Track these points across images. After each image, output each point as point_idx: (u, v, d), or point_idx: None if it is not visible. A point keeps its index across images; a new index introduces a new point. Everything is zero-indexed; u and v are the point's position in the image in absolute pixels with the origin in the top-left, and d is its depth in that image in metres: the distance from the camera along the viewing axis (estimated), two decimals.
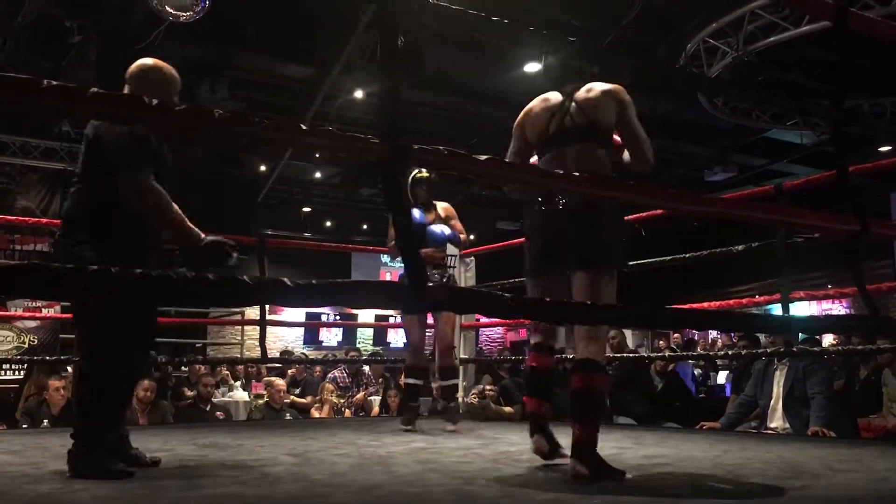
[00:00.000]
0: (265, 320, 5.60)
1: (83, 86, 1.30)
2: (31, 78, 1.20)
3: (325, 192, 13.75)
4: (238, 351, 13.02)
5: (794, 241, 4.11)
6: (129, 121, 1.69)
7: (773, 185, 4.50)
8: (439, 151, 1.62)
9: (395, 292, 1.87)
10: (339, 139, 1.52)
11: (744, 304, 4.81)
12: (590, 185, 2.01)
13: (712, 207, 2.14)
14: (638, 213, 4.58)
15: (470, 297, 1.86)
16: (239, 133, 1.40)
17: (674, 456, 3.16)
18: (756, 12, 7.44)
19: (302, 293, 1.45)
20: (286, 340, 14.16)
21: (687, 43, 8.03)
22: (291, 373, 9.31)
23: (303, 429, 4.74)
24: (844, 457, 3.07)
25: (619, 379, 5.99)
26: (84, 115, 2.88)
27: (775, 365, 4.97)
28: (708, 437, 4.14)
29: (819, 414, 4.57)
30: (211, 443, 3.73)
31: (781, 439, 4.16)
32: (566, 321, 2.96)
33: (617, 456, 3.07)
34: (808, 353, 4.57)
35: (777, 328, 4.53)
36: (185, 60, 7.78)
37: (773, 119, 9.75)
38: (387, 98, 1.63)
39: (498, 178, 2.43)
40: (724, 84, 6.96)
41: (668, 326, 9.07)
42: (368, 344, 14.88)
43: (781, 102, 7.62)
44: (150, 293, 1.35)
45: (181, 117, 1.35)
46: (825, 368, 4.98)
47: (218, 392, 7.83)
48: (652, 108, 10.05)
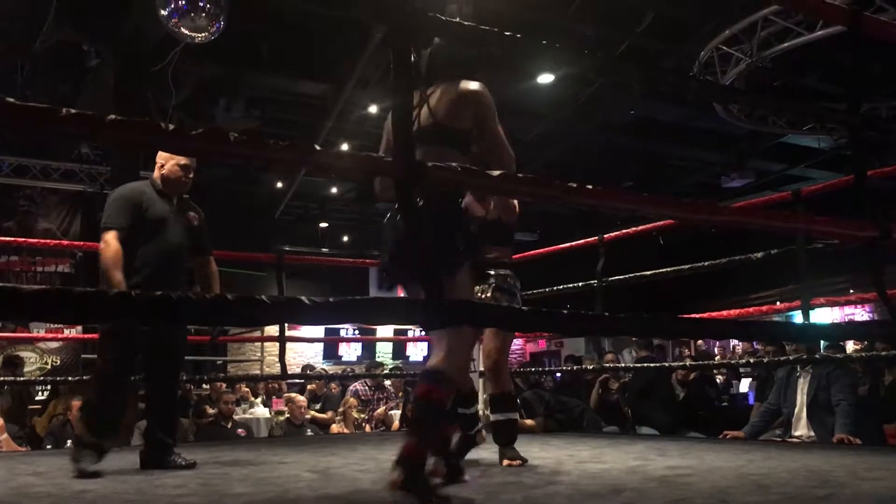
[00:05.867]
0: (284, 336, 5.62)
1: (101, 113, 1.32)
2: (49, 107, 1.22)
3: (341, 208, 13.82)
4: (258, 367, 13.07)
5: (815, 247, 4.08)
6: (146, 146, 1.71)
7: (791, 191, 4.47)
8: (453, 168, 1.62)
9: (411, 308, 1.88)
10: (355, 159, 1.53)
11: (764, 311, 4.79)
12: (604, 198, 2.01)
13: (729, 217, 2.13)
14: (653, 222, 4.57)
15: (487, 311, 1.86)
16: (255, 156, 1.41)
17: (698, 466, 3.14)
18: (769, 18, 7.40)
19: (319, 311, 1.46)
20: (306, 356, 14.19)
21: (700, 50, 8.01)
22: (311, 388, 9.32)
23: (324, 445, 4.75)
24: (871, 464, 3.03)
25: (640, 389, 5.96)
26: (103, 141, 2.94)
27: (798, 372, 4.92)
28: (732, 447, 4.10)
29: (844, 421, 4.52)
30: (233, 460, 3.74)
31: (806, 448, 4.11)
32: (585, 333, 2.94)
33: (641, 467, 3.05)
34: (830, 359, 4.52)
35: (797, 336, 4.48)
36: (200, 80, 7.88)
37: (790, 124, 9.69)
38: (401, 117, 1.64)
39: (512, 193, 2.43)
40: (739, 92, 6.93)
41: (687, 336, 9.01)
42: (388, 358, 14.88)
43: (797, 108, 7.56)
44: (171, 314, 1.36)
45: (197, 142, 1.37)
46: (849, 375, 4.92)
47: (239, 409, 7.85)
48: (667, 115, 10.07)
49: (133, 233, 3.39)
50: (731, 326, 2.69)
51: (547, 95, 8.97)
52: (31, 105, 1.21)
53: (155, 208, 3.47)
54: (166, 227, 3.48)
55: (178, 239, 3.53)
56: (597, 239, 5.26)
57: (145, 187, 3.56)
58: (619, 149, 11.10)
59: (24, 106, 1.21)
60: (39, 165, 9.35)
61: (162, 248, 3.44)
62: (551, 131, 9.92)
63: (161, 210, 3.49)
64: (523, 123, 9.51)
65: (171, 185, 3.55)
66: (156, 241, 3.44)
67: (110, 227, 3.37)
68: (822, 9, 2.59)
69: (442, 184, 1.94)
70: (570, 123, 9.72)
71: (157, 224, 3.46)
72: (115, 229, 3.36)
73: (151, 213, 3.46)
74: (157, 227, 3.46)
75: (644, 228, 5.18)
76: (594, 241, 5.29)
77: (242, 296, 1.39)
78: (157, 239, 3.44)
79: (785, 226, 2.40)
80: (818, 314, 4.51)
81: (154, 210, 3.47)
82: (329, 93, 8.82)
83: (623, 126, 10.27)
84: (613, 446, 4.15)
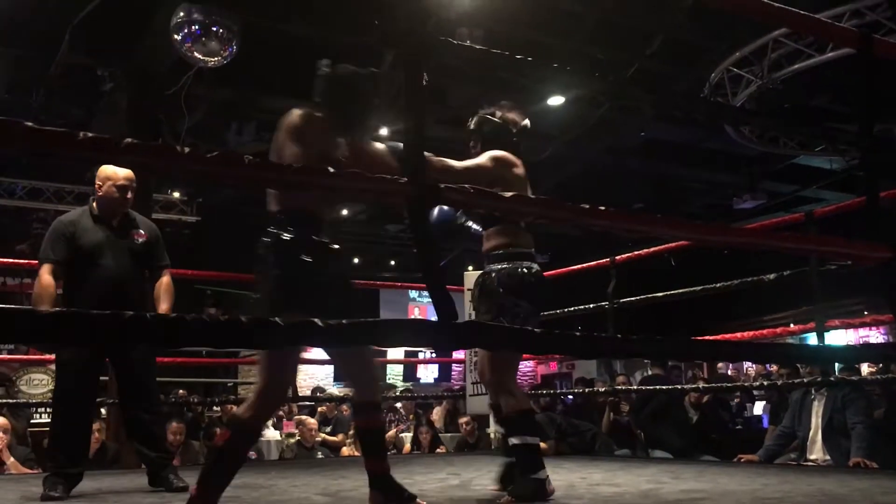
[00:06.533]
0: None
1: (116, 136, 1.33)
2: (66, 131, 1.23)
3: (351, 229, 13.85)
4: None
5: (828, 269, 4.05)
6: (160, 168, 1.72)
7: (804, 213, 4.46)
8: (465, 190, 1.63)
9: (422, 330, 1.88)
10: (368, 181, 1.54)
11: (778, 332, 4.75)
12: (617, 220, 2.01)
13: (743, 238, 2.12)
14: (665, 243, 4.56)
15: (499, 333, 1.85)
16: (270, 179, 1.42)
17: (712, 490, 3.10)
18: (779, 40, 7.41)
19: (332, 334, 1.46)
20: (316, 378, 14.16)
21: (710, 72, 8.02)
22: (322, 410, 9.30)
23: (335, 467, 4.72)
24: (888, 488, 2.99)
25: (653, 412, 5.90)
26: (118, 164, 2.97)
27: (813, 395, 4.87)
28: (746, 470, 4.06)
29: (860, 444, 4.47)
30: (244, 483, 3.72)
31: (822, 471, 4.07)
32: (599, 356, 2.93)
33: (655, 490, 3.02)
34: (845, 382, 4.48)
35: (812, 358, 4.45)
36: (212, 104, 7.94)
37: (801, 145, 9.67)
38: (413, 138, 1.65)
39: (524, 215, 2.43)
40: (749, 114, 6.94)
41: (701, 358, 8.95)
42: (398, 380, 14.84)
43: (808, 131, 7.55)
44: (183, 337, 1.37)
45: (211, 165, 1.38)
46: (864, 397, 4.87)
47: None
48: (678, 137, 10.06)
49: (69, 264, 3.38)
50: (745, 349, 2.67)
51: (557, 117, 8.99)
52: (49, 129, 1.23)
53: (87, 237, 3.42)
54: (102, 253, 3.41)
55: (118, 263, 3.43)
56: (608, 260, 5.25)
57: (80, 216, 3.51)
58: (630, 170, 11.09)
59: (43, 130, 1.22)
60: (53, 188, 9.42)
61: (99, 276, 3.37)
62: (562, 153, 9.93)
63: (94, 237, 3.42)
64: (534, 145, 9.53)
65: (107, 208, 3.48)
66: (92, 270, 3.38)
67: (42, 261, 3.39)
68: (832, 32, 2.59)
69: (454, 204, 1.94)
70: (580, 145, 9.73)
71: (91, 252, 3.40)
72: (46, 262, 3.36)
73: (84, 242, 3.40)
74: (91, 256, 3.39)
75: (656, 250, 5.18)
76: (606, 262, 5.29)
77: (255, 318, 1.40)
78: (94, 267, 3.38)
79: (798, 248, 2.39)
80: (832, 336, 4.47)
81: (86, 238, 3.41)
82: None
83: (634, 147, 10.27)
84: (626, 469, 4.12)
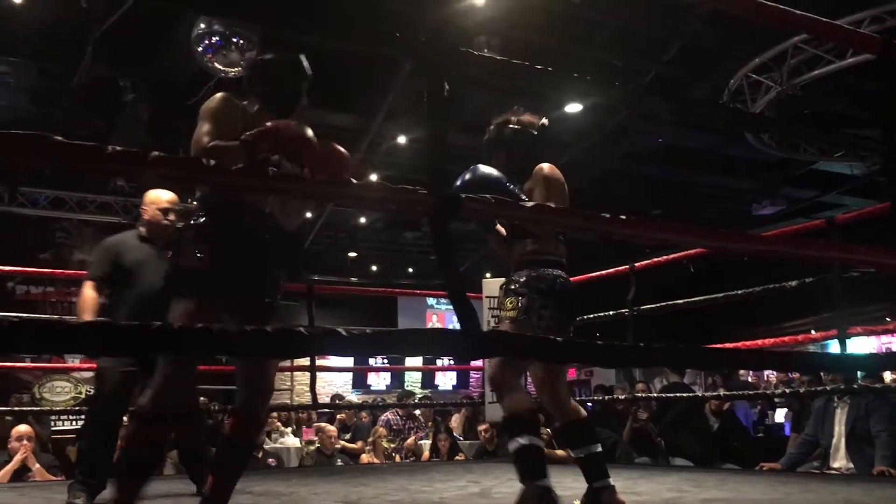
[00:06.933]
0: (315, 366, 5.64)
1: (141, 148, 1.35)
2: (95, 145, 1.25)
3: (369, 237, 13.88)
4: (288, 397, 13.09)
5: (850, 276, 4.02)
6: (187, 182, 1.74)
7: (825, 219, 4.42)
8: (487, 200, 1.64)
9: (446, 340, 1.88)
10: (390, 192, 1.55)
11: (799, 340, 4.71)
12: (637, 228, 2.00)
13: (764, 246, 2.11)
14: (684, 251, 4.54)
15: (523, 342, 1.85)
16: (293, 190, 1.44)
17: (734, 499, 3.09)
18: (799, 46, 7.38)
19: (356, 343, 1.47)
20: (335, 385, 14.20)
21: (730, 79, 7.99)
22: (341, 417, 9.32)
23: (354, 475, 4.73)
24: None
25: (673, 420, 5.88)
26: (146, 178, 3.00)
27: (836, 403, 4.83)
28: (769, 479, 4.03)
29: (885, 453, 4.43)
30: (264, 491, 3.75)
31: (845, 480, 4.03)
32: (620, 364, 2.92)
33: (676, 499, 3.01)
34: (868, 389, 4.44)
35: (834, 366, 4.42)
36: None
37: (821, 151, 9.60)
38: (434, 148, 1.66)
39: (544, 223, 2.44)
40: (769, 121, 6.91)
41: (722, 367, 8.88)
42: (417, 387, 14.84)
43: (828, 138, 7.49)
44: (213, 347, 1.38)
45: (235, 177, 1.39)
46: (888, 405, 4.82)
47: (269, 439, 7.87)
48: (696, 143, 10.03)
49: (112, 281, 3.58)
50: (767, 357, 2.66)
51: (575, 124, 8.98)
52: (78, 143, 1.25)
53: (131, 255, 3.61)
54: (143, 272, 3.55)
55: (155, 282, 3.40)
56: (628, 267, 5.24)
57: (128, 236, 3.76)
58: (648, 177, 11.06)
59: (72, 144, 1.24)
60: (76, 198, 9.53)
61: (136, 294, 3.53)
62: (579, 160, 9.92)
63: (138, 256, 3.61)
64: (553, 153, 9.53)
65: (152, 231, 3.68)
66: (130, 287, 3.55)
67: (88, 278, 3.60)
68: (854, 38, 2.58)
69: (474, 215, 1.95)
70: (598, 152, 9.72)
71: (133, 270, 3.57)
72: (91, 279, 3.57)
73: (127, 260, 3.59)
74: (132, 274, 3.57)
75: (675, 256, 5.15)
76: (625, 269, 5.27)
77: (281, 328, 1.41)
78: (133, 285, 3.55)
79: (820, 255, 2.37)
80: (854, 343, 4.43)
81: (130, 257, 3.60)
82: (358, 124, 8.91)
83: (652, 154, 10.25)
84: (647, 477, 4.10)
